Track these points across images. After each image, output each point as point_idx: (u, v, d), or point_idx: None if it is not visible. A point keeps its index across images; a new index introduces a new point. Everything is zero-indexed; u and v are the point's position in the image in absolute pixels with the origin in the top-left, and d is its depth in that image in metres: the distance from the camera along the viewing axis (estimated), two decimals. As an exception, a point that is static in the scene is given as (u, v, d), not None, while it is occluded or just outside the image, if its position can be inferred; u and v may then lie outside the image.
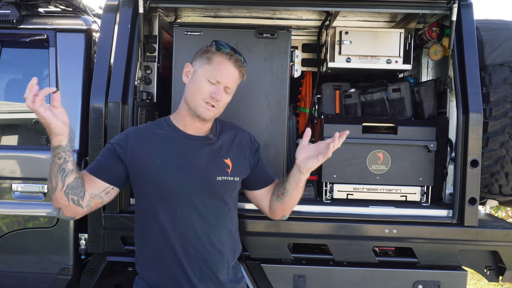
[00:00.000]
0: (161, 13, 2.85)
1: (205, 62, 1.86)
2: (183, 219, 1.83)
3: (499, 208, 6.17)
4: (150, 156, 1.84)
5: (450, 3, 2.38)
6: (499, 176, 2.57)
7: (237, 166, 1.94)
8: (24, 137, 2.93)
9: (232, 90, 1.91)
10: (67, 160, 1.70)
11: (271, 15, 3.03)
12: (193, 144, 1.90)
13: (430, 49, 2.79)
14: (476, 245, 2.43)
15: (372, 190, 2.62)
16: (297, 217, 2.40)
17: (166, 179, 1.83)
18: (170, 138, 1.90)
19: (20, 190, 2.63)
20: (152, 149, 1.86)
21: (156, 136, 1.90)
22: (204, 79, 1.84)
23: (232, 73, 1.87)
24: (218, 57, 1.86)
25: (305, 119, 3.18)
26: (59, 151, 1.68)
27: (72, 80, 2.67)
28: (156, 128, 1.93)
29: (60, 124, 1.64)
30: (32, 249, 2.62)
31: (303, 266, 2.45)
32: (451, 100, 2.64)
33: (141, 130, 1.96)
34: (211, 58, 1.86)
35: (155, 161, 1.84)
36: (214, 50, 1.87)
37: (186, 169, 1.85)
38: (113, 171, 1.86)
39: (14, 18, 2.68)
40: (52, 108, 1.65)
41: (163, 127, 1.93)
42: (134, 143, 1.87)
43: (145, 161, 1.84)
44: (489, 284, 4.93)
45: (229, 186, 1.91)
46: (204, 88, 1.84)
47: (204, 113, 1.85)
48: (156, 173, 1.83)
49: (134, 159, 1.85)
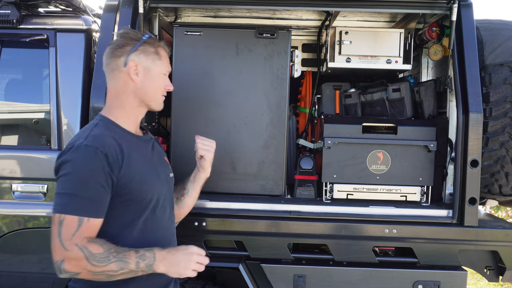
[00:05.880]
0: (161, 13, 2.85)
1: (156, 58, 1.79)
2: (159, 220, 1.79)
3: (499, 208, 6.17)
4: (132, 166, 1.68)
5: (450, 3, 2.38)
6: (499, 176, 2.57)
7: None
8: (24, 137, 2.93)
9: None
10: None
11: (271, 15, 3.03)
12: (146, 145, 1.84)
13: (430, 49, 2.79)
14: (476, 245, 2.43)
15: (372, 190, 2.62)
16: (297, 217, 2.41)
17: (150, 185, 1.74)
18: (129, 142, 1.74)
19: (20, 190, 2.63)
20: (128, 158, 1.68)
21: (120, 143, 1.69)
22: (161, 75, 1.82)
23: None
24: (160, 49, 1.82)
25: (305, 119, 3.18)
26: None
27: (72, 80, 2.67)
28: (112, 133, 1.71)
29: None
30: (32, 249, 2.62)
31: (303, 266, 2.45)
32: (451, 100, 2.64)
33: (108, 142, 1.66)
34: (159, 52, 1.80)
35: (136, 170, 1.69)
36: (158, 43, 1.82)
37: (155, 171, 1.81)
38: (107, 201, 1.64)
39: (14, 18, 2.68)
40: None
41: (113, 130, 1.73)
42: (115, 159, 1.64)
43: (130, 172, 1.67)
44: (489, 284, 4.93)
45: (173, 182, 1.96)
46: (161, 83, 1.83)
47: (161, 106, 1.87)
48: (142, 181, 1.70)
49: (124, 175, 1.66)
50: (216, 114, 2.59)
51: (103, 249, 1.56)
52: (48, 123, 2.69)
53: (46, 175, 2.61)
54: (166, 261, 1.63)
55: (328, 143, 2.57)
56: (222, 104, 2.59)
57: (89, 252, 1.55)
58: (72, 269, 1.56)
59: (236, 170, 2.60)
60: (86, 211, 1.57)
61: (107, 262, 1.55)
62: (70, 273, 1.57)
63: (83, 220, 1.57)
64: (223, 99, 2.59)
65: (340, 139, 2.59)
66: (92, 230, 1.60)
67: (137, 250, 1.61)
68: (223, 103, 2.59)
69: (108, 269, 1.56)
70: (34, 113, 2.84)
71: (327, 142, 2.58)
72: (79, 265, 1.55)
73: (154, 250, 1.64)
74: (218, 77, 2.58)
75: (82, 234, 1.57)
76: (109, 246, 1.58)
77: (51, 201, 2.56)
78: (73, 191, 1.58)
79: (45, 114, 2.75)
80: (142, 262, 1.60)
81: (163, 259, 1.63)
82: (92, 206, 1.59)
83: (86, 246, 1.55)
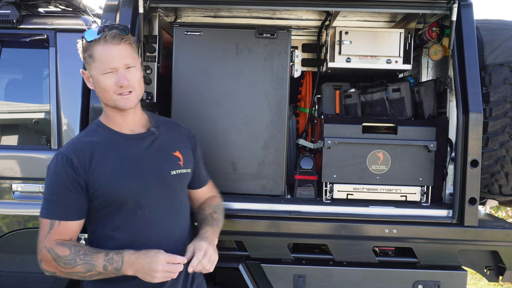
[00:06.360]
0: (161, 13, 2.85)
1: (90, 61, 1.72)
2: (144, 221, 1.75)
3: (499, 208, 6.17)
4: (100, 171, 1.70)
5: (450, 3, 2.37)
6: (499, 176, 2.57)
7: (187, 157, 1.91)
8: (24, 137, 2.93)
9: (134, 63, 1.75)
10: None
11: (271, 15, 3.03)
12: (137, 143, 1.80)
13: (430, 49, 2.79)
14: (476, 245, 2.43)
15: (372, 190, 2.62)
16: (297, 217, 2.41)
17: (121, 185, 1.71)
18: (112, 143, 1.77)
19: (20, 190, 2.63)
20: (99, 163, 1.71)
21: (96, 147, 1.73)
22: (101, 76, 1.71)
23: (119, 51, 1.70)
24: (95, 48, 1.70)
25: (305, 119, 3.18)
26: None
27: (72, 80, 2.66)
28: (92, 138, 1.77)
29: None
30: (32, 249, 2.59)
31: (303, 266, 2.45)
32: (451, 100, 2.64)
33: (79, 148, 1.73)
34: (91, 54, 1.71)
35: (104, 173, 1.70)
36: (88, 44, 1.71)
37: (138, 170, 1.75)
38: (81, 204, 1.71)
39: (14, 18, 2.68)
40: None
41: (99, 133, 1.79)
42: (82, 165, 1.69)
43: (97, 177, 1.69)
44: (489, 284, 4.93)
45: (183, 178, 1.88)
46: (107, 84, 1.71)
47: (126, 104, 1.74)
48: (109, 184, 1.70)
49: (91, 181, 1.70)
50: (216, 114, 2.59)
51: (69, 252, 1.64)
52: (48, 123, 2.69)
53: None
54: (133, 266, 1.63)
55: (328, 143, 2.57)
56: (222, 104, 2.59)
57: (55, 254, 1.65)
58: (48, 268, 1.69)
59: (236, 170, 2.60)
60: (56, 215, 1.69)
61: (74, 264, 1.63)
62: (48, 272, 1.70)
63: (54, 223, 1.69)
64: (223, 99, 2.59)
65: (340, 139, 2.59)
66: (65, 232, 1.69)
67: (107, 253, 1.64)
68: (223, 103, 2.59)
69: (76, 271, 1.64)
70: (34, 113, 2.84)
71: (327, 142, 2.58)
72: (52, 265, 1.67)
73: (123, 254, 1.64)
74: (218, 77, 2.58)
75: (53, 237, 1.68)
76: (79, 249, 1.65)
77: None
78: (46, 196, 1.72)
79: (45, 114, 2.75)
80: (109, 265, 1.63)
81: (131, 264, 1.63)
82: (62, 210, 1.69)
83: (53, 248, 1.66)
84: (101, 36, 1.69)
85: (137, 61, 1.78)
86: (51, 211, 1.70)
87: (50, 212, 1.70)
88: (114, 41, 1.70)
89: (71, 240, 1.71)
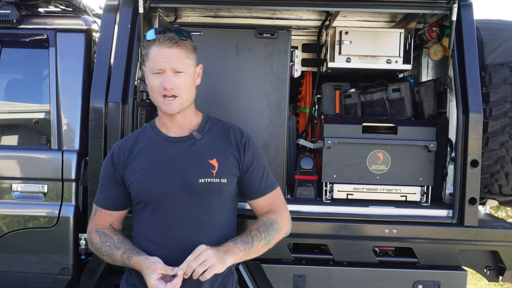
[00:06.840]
0: (161, 13, 2.85)
1: (146, 59, 1.78)
2: (165, 224, 1.75)
3: (499, 208, 6.17)
4: (133, 166, 1.79)
5: (450, 3, 2.38)
6: (499, 176, 2.57)
7: (225, 166, 1.78)
8: (24, 137, 2.93)
9: (183, 69, 1.74)
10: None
11: (271, 15, 3.03)
12: (174, 146, 1.80)
13: (430, 49, 2.79)
14: (476, 245, 2.43)
15: (372, 190, 2.62)
16: (297, 217, 2.40)
17: (146, 185, 1.76)
18: (151, 142, 1.83)
19: (20, 190, 2.63)
20: (134, 159, 1.81)
21: (137, 144, 1.84)
22: (150, 75, 1.76)
23: (169, 54, 1.71)
24: (151, 48, 1.74)
25: (305, 119, 3.18)
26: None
27: (72, 80, 2.67)
28: (139, 135, 1.88)
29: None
30: (32, 249, 2.62)
31: (303, 266, 2.45)
32: (451, 100, 2.64)
33: (124, 143, 1.88)
34: (148, 52, 1.76)
35: (136, 170, 1.78)
36: (147, 43, 1.76)
37: (165, 172, 1.75)
38: (120, 196, 1.85)
39: (14, 18, 2.68)
40: None
41: (147, 132, 1.88)
42: (121, 159, 1.82)
43: (130, 172, 1.80)
44: (489, 284, 4.93)
45: (213, 189, 1.75)
46: (154, 84, 1.74)
47: (168, 108, 1.74)
48: (137, 181, 1.77)
49: (126, 175, 1.81)
50: (216, 114, 2.55)
51: (99, 240, 1.82)
52: (48, 123, 2.69)
53: (46, 175, 2.61)
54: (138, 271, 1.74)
55: (328, 143, 2.57)
56: (222, 104, 2.58)
57: (90, 239, 1.86)
58: (89, 247, 1.89)
59: (236, 170, 2.59)
60: (99, 202, 1.88)
61: (101, 252, 1.82)
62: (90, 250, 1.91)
63: (97, 210, 1.88)
64: (223, 99, 2.59)
65: (340, 139, 2.59)
66: (102, 219, 1.86)
67: (123, 252, 1.75)
68: (223, 103, 2.59)
69: (103, 258, 1.83)
70: (34, 113, 2.84)
71: (327, 142, 2.58)
72: (89, 246, 1.88)
73: (131, 259, 1.72)
74: (218, 77, 2.58)
75: (95, 221, 1.87)
76: (106, 239, 1.81)
77: (51, 201, 2.59)
78: (99, 184, 1.91)
79: (45, 114, 2.75)
80: (124, 264, 1.77)
81: (136, 268, 1.74)
82: (103, 199, 1.87)
83: (91, 233, 1.85)
84: (157, 37, 1.74)
85: (188, 67, 1.76)
86: (97, 198, 1.90)
87: (96, 199, 1.90)
88: (167, 44, 1.72)
89: (111, 226, 1.87)
